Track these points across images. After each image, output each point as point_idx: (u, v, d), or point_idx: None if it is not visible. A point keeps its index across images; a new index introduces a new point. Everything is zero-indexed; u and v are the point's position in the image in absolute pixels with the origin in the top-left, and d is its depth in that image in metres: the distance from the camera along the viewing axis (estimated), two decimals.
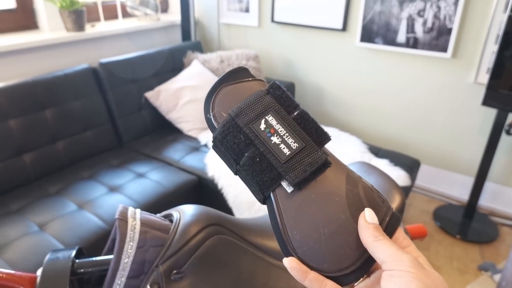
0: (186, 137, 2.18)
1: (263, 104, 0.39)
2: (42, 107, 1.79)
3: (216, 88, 0.42)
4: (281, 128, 0.38)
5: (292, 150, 0.37)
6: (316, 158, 0.37)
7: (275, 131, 0.38)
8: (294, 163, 0.36)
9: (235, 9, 2.72)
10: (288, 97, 0.40)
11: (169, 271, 0.57)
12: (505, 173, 2.14)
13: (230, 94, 0.41)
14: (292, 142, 0.37)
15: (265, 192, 0.38)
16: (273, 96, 0.40)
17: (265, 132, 0.38)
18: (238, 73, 0.43)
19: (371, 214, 0.35)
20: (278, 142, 0.37)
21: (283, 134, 0.37)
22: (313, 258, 0.35)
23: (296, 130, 0.38)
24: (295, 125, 0.38)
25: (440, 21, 2.01)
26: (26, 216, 1.49)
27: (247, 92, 0.41)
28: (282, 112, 0.39)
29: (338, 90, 2.51)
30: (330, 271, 0.34)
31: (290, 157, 0.37)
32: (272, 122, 0.38)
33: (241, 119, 0.39)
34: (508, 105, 1.76)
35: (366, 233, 0.33)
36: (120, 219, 0.58)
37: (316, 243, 0.35)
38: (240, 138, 0.38)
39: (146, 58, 2.25)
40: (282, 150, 0.37)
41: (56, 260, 0.58)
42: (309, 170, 0.36)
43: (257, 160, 0.37)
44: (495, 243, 1.97)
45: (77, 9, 2.06)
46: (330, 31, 2.39)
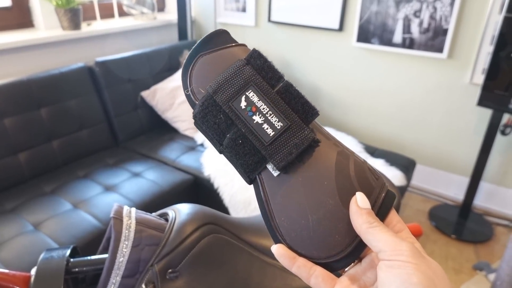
0: (182, 137, 2.18)
1: (243, 77, 0.35)
2: (38, 106, 1.78)
3: (192, 59, 0.38)
4: (263, 106, 0.34)
5: (276, 130, 0.34)
6: (302, 138, 0.34)
7: (257, 109, 0.34)
8: (279, 145, 0.34)
9: (232, 9, 2.72)
10: (270, 67, 0.36)
11: (165, 270, 0.57)
12: (500, 173, 2.15)
13: (208, 65, 0.37)
14: (276, 121, 0.34)
15: (250, 176, 0.35)
16: (254, 67, 0.36)
17: (246, 110, 0.35)
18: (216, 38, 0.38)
19: (363, 199, 0.32)
20: (261, 122, 0.34)
21: (266, 112, 0.34)
22: (302, 245, 0.33)
23: (280, 106, 0.34)
24: (279, 101, 0.35)
25: (436, 21, 2.02)
26: (21, 215, 1.48)
27: (227, 61, 0.37)
28: (264, 85, 0.35)
29: (335, 90, 2.52)
30: (320, 258, 0.33)
31: (274, 139, 0.34)
32: (253, 98, 0.35)
33: (220, 96, 0.35)
34: (503, 106, 1.77)
35: (359, 220, 0.31)
36: (115, 218, 0.58)
37: (304, 230, 0.33)
38: (220, 118, 0.35)
39: (143, 57, 2.25)
40: (266, 131, 0.34)
41: (51, 259, 0.58)
42: (295, 153, 0.33)
43: (240, 142, 0.35)
44: (490, 243, 1.99)
45: (73, 8, 2.05)
46: (327, 31, 2.40)
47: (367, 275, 0.33)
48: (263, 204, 0.35)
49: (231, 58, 0.37)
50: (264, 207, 0.35)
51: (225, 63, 0.37)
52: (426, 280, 0.27)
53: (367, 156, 1.92)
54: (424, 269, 0.28)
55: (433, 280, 0.27)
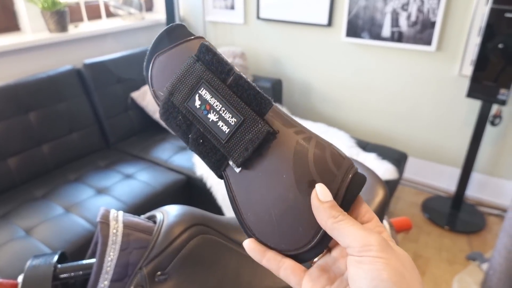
0: (174, 137, 2.17)
1: (194, 75, 0.35)
2: (26, 110, 1.76)
3: (150, 60, 0.37)
4: (216, 102, 0.34)
5: (231, 127, 0.33)
6: (257, 132, 0.33)
7: (211, 107, 0.34)
8: (235, 142, 0.33)
9: (220, 7, 2.70)
10: (219, 61, 0.35)
11: (153, 273, 0.57)
12: (491, 163, 2.17)
13: (164, 65, 0.37)
14: (230, 117, 0.33)
15: (217, 173, 0.35)
16: (204, 62, 0.35)
17: (201, 109, 0.34)
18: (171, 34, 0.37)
19: (323, 191, 0.31)
20: (216, 120, 0.34)
21: (219, 109, 0.34)
22: (270, 239, 0.33)
23: (232, 101, 0.34)
24: (231, 95, 0.34)
25: (424, 14, 2.03)
26: (12, 221, 1.47)
27: (182, 59, 0.36)
28: (215, 81, 0.34)
29: (325, 86, 2.52)
30: (289, 250, 0.33)
31: (230, 135, 0.33)
32: (206, 96, 0.34)
33: (176, 97, 0.35)
34: (492, 97, 1.78)
35: (323, 215, 0.30)
36: (102, 222, 0.58)
37: (269, 225, 0.33)
38: (179, 120, 0.35)
39: (131, 58, 2.23)
40: (221, 129, 0.34)
41: (38, 265, 0.58)
42: (251, 148, 0.33)
43: (201, 141, 0.35)
44: (482, 233, 2.00)
45: (59, 10, 2.03)
46: (316, 27, 2.40)
47: (336, 265, 0.32)
48: (231, 200, 0.35)
49: (186, 54, 0.36)
50: (233, 203, 0.35)
51: (180, 61, 0.36)
52: (396, 275, 0.27)
53: (359, 151, 1.93)
54: (394, 264, 0.27)
55: (403, 274, 0.27)
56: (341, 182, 0.32)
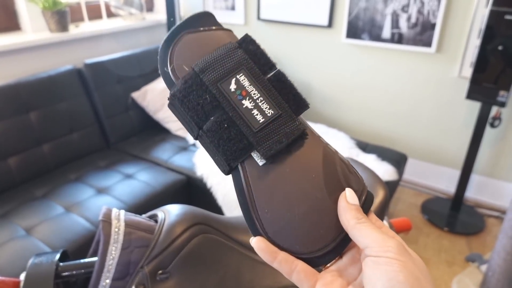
0: (174, 137, 2.17)
1: (234, 59, 0.33)
2: (27, 110, 1.77)
3: (176, 36, 0.35)
4: (254, 91, 0.33)
5: (267, 118, 0.32)
6: (293, 128, 0.33)
7: (247, 94, 0.33)
8: (269, 132, 0.32)
9: (221, 7, 2.71)
10: (263, 54, 0.34)
11: (155, 272, 0.57)
12: (490, 165, 2.18)
13: (194, 44, 0.35)
14: (267, 108, 0.33)
15: (231, 163, 0.33)
16: (246, 51, 0.34)
17: (235, 94, 0.33)
18: (202, 20, 0.36)
19: (352, 195, 0.32)
20: (251, 107, 0.33)
21: (256, 98, 0.33)
22: (285, 239, 0.32)
23: (272, 94, 0.33)
24: (271, 88, 0.33)
25: (424, 16, 2.03)
26: (12, 220, 1.47)
27: (214, 43, 0.35)
28: (256, 71, 0.34)
29: (326, 87, 2.53)
30: (303, 253, 0.32)
31: (264, 125, 0.32)
32: (244, 82, 0.33)
33: (208, 76, 0.33)
34: (492, 98, 1.79)
35: (348, 215, 0.31)
36: (104, 221, 0.58)
37: (289, 223, 0.32)
38: (205, 99, 0.33)
39: (132, 58, 2.24)
40: (255, 117, 0.32)
41: (40, 264, 0.58)
42: (285, 142, 0.32)
43: (225, 126, 0.33)
44: (481, 234, 2.01)
45: (60, 10, 2.03)
46: (316, 28, 2.40)
47: (348, 270, 0.32)
48: (244, 194, 0.33)
49: (217, 40, 0.35)
50: (245, 198, 0.33)
51: (212, 44, 0.35)
52: (412, 278, 0.27)
53: (359, 152, 1.93)
54: (410, 267, 0.28)
55: (419, 278, 0.28)
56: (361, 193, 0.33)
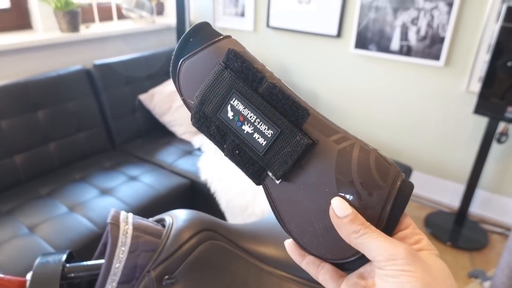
0: (179, 141, 2.17)
1: (223, 84, 0.33)
2: (35, 108, 1.78)
3: (176, 65, 0.36)
4: (250, 113, 0.32)
5: (268, 139, 0.32)
6: (295, 144, 0.31)
7: (244, 118, 0.33)
8: (273, 154, 0.32)
9: (230, 13, 2.73)
10: (249, 69, 0.33)
11: (161, 277, 0.57)
12: (496, 181, 2.16)
13: (192, 71, 0.35)
14: (266, 129, 0.32)
15: (255, 182, 0.34)
16: (233, 70, 0.33)
17: (234, 121, 0.33)
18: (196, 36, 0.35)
19: (340, 205, 0.30)
20: (251, 132, 0.32)
21: (254, 121, 0.32)
22: (315, 248, 0.33)
23: (267, 112, 0.32)
24: (265, 106, 0.32)
25: (433, 29, 2.03)
26: (16, 217, 1.47)
27: (209, 63, 0.34)
28: (247, 91, 0.33)
29: (332, 96, 2.53)
30: (334, 259, 0.32)
31: (268, 148, 0.32)
32: (238, 107, 0.33)
33: (208, 108, 0.34)
34: (499, 114, 1.78)
35: (344, 231, 0.30)
36: (112, 224, 0.58)
37: (314, 237, 0.32)
38: (213, 130, 0.34)
39: (141, 61, 2.25)
40: (257, 141, 0.32)
41: (47, 264, 0.58)
42: (290, 161, 0.32)
43: (237, 152, 0.34)
44: (485, 251, 1.99)
45: (71, 10, 2.05)
46: (325, 37, 2.41)
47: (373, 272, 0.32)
48: (273, 209, 0.34)
49: (215, 58, 0.34)
50: (276, 213, 0.34)
51: (209, 66, 0.34)
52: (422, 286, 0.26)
53: None
54: (420, 276, 0.27)
55: (430, 285, 0.27)
56: (388, 194, 0.30)
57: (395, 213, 0.30)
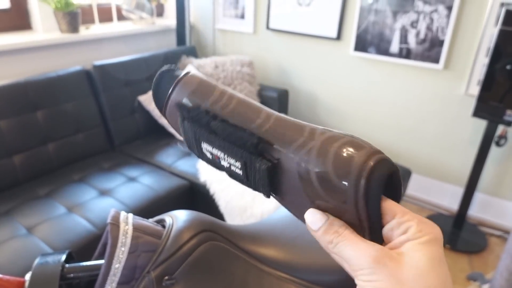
0: (179, 142, 2.17)
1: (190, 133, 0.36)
2: (34, 108, 1.77)
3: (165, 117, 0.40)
4: (218, 152, 0.35)
5: (242, 169, 0.34)
6: (259, 170, 0.32)
7: (218, 156, 0.35)
8: (252, 180, 0.34)
9: (230, 15, 2.73)
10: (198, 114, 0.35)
11: (161, 277, 0.57)
12: (494, 184, 2.17)
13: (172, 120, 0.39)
14: (234, 161, 0.34)
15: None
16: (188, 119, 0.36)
17: (214, 160, 0.36)
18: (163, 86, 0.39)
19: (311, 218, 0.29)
20: (228, 165, 0.35)
21: (223, 157, 0.35)
22: None
23: (227, 148, 0.34)
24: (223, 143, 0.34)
25: (433, 32, 2.04)
26: (14, 218, 1.47)
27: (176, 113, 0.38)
28: (206, 134, 0.35)
29: (331, 98, 2.53)
30: None
31: (246, 176, 0.34)
32: (209, 148, 0.35)
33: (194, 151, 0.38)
34: (498, 117, 1.79)
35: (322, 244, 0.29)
36: (112, 224, 0.58)
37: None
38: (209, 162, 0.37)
39: (140, 62, 2.25)
40: (236, 172, 0.34)
41: (46, 264, 0.57)
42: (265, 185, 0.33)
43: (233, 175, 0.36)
44: (484, 253, 1.99)
45: (71, 11, 2.05)
46: (325, 40, 2.41)
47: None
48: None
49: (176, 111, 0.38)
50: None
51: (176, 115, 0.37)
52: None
53: None
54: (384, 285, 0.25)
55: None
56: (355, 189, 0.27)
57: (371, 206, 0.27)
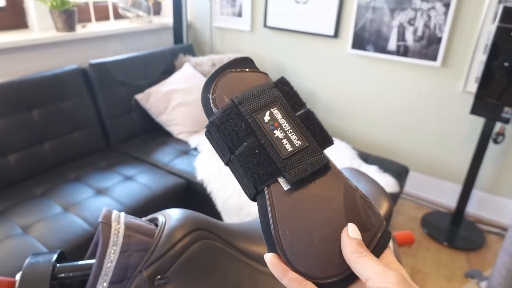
0: (176, 140, 2.17)
1: (270, 96, 0.38)
2: (30, 107, 1.76)
3: (220, 72, 0.41)
4: (285, 123, 0.37)
5: (295, 147, 0.36)
6: (318, 159, 0.36)
7: (279, 125, 0.37)
8: (295, 160, 0.35)
9: (227, 13, 2.72)
10: (295, 94, 0.40)
11: (153, 276, 0.56)
12: (492, 181, 2.16)
13: (235, 81, 0.40)
14: (296, 139, 0.36)
15: (258, 187, 0.36)
16: (281, 90, 0.39)
17: (268, 124, 0.37)
18: (243, 63, 0.42)
19: (354, 230, 0.33)
20: (281, 137, 0.36)
21: (287, 130, 0.37)
22: (302, 262, 0.33)
23: (301, 128, 0.37)
24: (300, 123, 0.37)
25: (430, 30, 2.03)
26: (9, 218, 1.46)
27: (253, 82, 0.40)
28: (288, 107, 0.38)
29: (329, 96, 2.52)
30: (318, 278, 0.33)
31: (292, 154, 0.35)
32: (277, 115, 0.37)
33: (245, 107, 0.37)
34: (496, 114, 1.78)
35: (349, 249, 0.32)
36: (104, 223, 0.57)
37: (308, 246, 0.33)
38: (241, 126, 0.37)
39: (137, 60, 2.24)
40: (285, 146, 0.36)
41: (36, 264, 0.57)
42: (310, 170, 0.35)
43: (256, 151, 0.36)
44: (481, 251, 1.99)
45: (68, 9, 2.04)
46: (322, 38, 2.41)
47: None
48: (267, 215, 0.35)
49: (256, 80, 0.41)
50: (268, 219, 0.35)
51: (251, 83, 0.40)
52: None
53: (361, 163, 1.92)
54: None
55: None
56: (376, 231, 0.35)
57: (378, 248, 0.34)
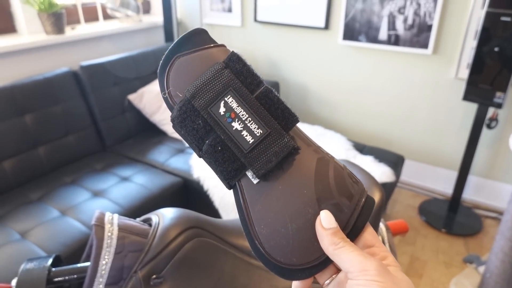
0: (171, 139, 2.16)
1: (221, 81, 0.34)
2: (22, 112, 1.75)
3: (169, 60, 0.37)
4: (242, 112, 0.34)
5: (256, 138, 0.33)
6: (282, 145, 0.33)
7: (236, 116, 0.34)
8: (258, 152, 0.33)
9: (217, 9, 2.71)
10: (249, 72, 0.35)
11: (149, 276, 0.56)
12: (487, 166, 2.18)
13: (185, 67, 0.36)
14: (256, 128, 0.33)
15: (229, 182, 0.35)
16: (233, 70, 0.35)
17: (225, 117, 0.34)
18: (194, 38, 0.37)
19: (327, 217, 0.32)
20: (240, 129, 0.34)
21: (245, 119, 0.34)
22: (281, 253, 0.33)
23: (260, 113, 0.34)
24: (259, 107, 0.34)
25: (420, 18, 2.03)
26: (7, 224, 1.46)
27: (205, 63, 0.36)
28: (243, 91, 0.34)
29: (322, 88, 2.52)
30: (299, 264, 0.33)
31: (254, 146, 0.33)
32: (232, 104, 0.34)
33: (198, 101, 0.34)
34: (488, 100, 1.79)
35: (325, 242, 0.32)
36: (97, 225, 0.57)
37: (284, 238, 0.33)
38: (199, 124, 0.34)
39: (129, 60, 2.23)
40: (245, 138, 0.33)
41: (31, 269, 0.57)
42: (275, 161, 0.33)
43: (219, 149, 0.34)
44: (479, 236, 2.01)
45: (56, 12, 2.03)
46: (313, 30, 2.40)
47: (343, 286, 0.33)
48: (242, 211, 0.35)
49: (210, 60, 0.36)
50: (243, 214, 0.34)
51: (203, 66, 0.35)
52: None
53: (356, 154, 1.93)
54: (389, 286, 0.29)
55: None
56: (358, 201, 0.33)
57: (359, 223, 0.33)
